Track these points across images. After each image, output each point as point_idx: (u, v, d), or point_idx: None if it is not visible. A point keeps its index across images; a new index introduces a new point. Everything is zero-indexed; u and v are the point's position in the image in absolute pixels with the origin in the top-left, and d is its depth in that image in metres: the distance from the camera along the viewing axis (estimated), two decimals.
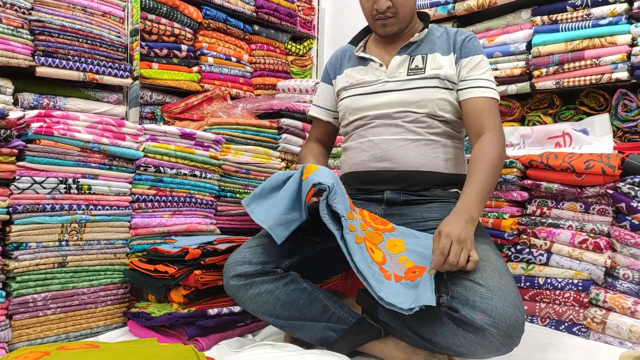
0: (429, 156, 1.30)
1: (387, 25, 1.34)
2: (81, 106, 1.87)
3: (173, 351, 0.92)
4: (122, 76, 1.95)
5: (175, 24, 2.28)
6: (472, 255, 1.05)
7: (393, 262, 1.13)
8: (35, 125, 1.32)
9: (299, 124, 2.08)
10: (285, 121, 2.04)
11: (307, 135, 2.13)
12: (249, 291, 1.18)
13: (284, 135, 2.03)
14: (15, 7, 1.72)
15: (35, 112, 1.37)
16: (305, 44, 2.98)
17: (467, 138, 1.71)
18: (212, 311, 1.33)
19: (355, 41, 1.49)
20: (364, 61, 1.43)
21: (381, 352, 1.17)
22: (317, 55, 3.05)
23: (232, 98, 2.41)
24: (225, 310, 1.35)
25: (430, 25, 1.41)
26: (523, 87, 1.94)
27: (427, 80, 1.32)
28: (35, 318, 1.29)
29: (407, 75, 1.34)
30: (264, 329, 1.44)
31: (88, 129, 1.43)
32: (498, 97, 1.32)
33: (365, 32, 1.50)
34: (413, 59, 1.35)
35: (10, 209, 1.26)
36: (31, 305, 1.29)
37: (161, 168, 1.58)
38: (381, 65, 1.38)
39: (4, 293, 1.25)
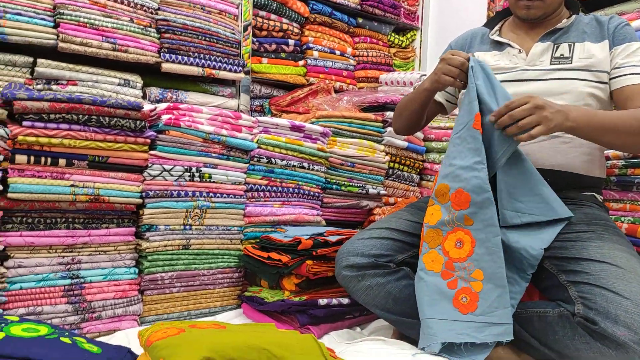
0: (566, 155, 1.19)
1: (531, 8, 1.23)
2: (199, 99, 1.98)
3: (296, 339, 0.94)
4: (235, 71, 2.04)
5: (284, 20, 2.34)
6: (537, 128, 1.00)
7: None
8: (165, 117, 1.42)
9: None
10: (390, 114, 2.01)
11: None
12: (361, 283, 1.18)
13: (389, 129, 1.99)
14: (144, 8, 1.86)
15: (164, 105, 1.47)
16: (409, 35, 2.91)
17: None
18: (322, 301, 1.35)
19: (490, 24, 1.39)
20: (499, 46, 1.32)
21: None
22: (420, 47, 2.97)
23: (336, 91, 2.42)
24: (334, 301, 1.37)
25: None
26: None
27: (574, 72, 1.20)
28: (163, 295, 1.41)
29: (551, 64, 1.23)
30: (371, 323, 1.43)
31: (209, 121, 1.52)
32: None
33: (501, 16, 1.40)
34: (557, 47, 1.24)
35: (143, 193, 1.38)
36: (159, 283, 1.40)
37: (272, 159, 1.63)
38: (520, 51, 1.27)
39: (137, 270, 1.37)
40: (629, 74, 1.18)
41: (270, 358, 0.83)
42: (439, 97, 1.45)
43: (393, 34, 2.83)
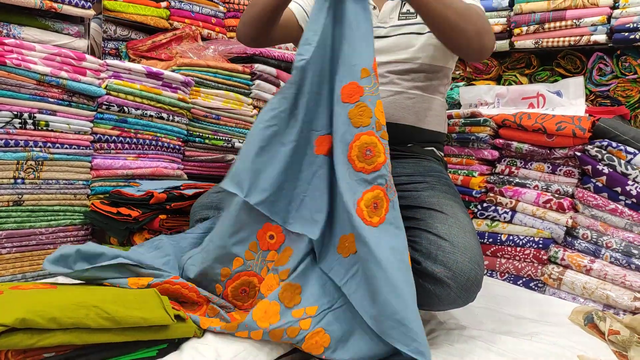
0: (409, 110, 1.25)
1: None
2: (38, 37, 1.73)
3: (134, 293, 0.90)
4: (83, 6, 1.81)
5: None
6: None
7: None
8: None
9: (273, 70, 2.00)
10: (258, 67, 1.96)
11: (281, 83, 2.05)
12: None
13: (257, 82, 1.95)
14: None
15: None
16: None
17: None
18: None
19: None
20: None
21: None
22: None
23: (203, 39, 2.29)
24: None
25: None
26: (502, 45, 1.92)
27: (419, 26, 1.24)
28: None
29: (398, 19, 1.27)
30: None
31: (45, 60, 1.33)
32: (484, 11, 1.18)
33: None
34: (404, 3, 1.28)
35: None
36: None
37: (125, 108, 1.50)
38: (374, 7, 1.29)
39: None
40: None
41: (101, 315, 0.78)
42: (300, 18, 1.28)
43: None
